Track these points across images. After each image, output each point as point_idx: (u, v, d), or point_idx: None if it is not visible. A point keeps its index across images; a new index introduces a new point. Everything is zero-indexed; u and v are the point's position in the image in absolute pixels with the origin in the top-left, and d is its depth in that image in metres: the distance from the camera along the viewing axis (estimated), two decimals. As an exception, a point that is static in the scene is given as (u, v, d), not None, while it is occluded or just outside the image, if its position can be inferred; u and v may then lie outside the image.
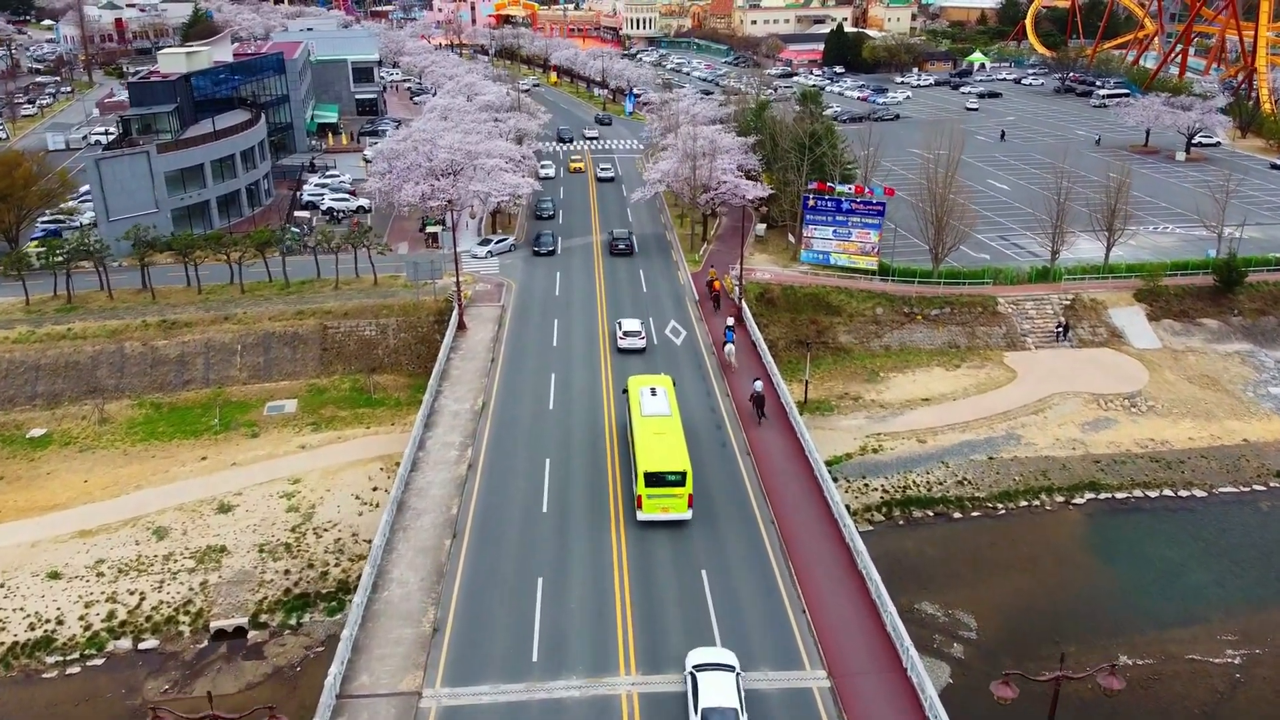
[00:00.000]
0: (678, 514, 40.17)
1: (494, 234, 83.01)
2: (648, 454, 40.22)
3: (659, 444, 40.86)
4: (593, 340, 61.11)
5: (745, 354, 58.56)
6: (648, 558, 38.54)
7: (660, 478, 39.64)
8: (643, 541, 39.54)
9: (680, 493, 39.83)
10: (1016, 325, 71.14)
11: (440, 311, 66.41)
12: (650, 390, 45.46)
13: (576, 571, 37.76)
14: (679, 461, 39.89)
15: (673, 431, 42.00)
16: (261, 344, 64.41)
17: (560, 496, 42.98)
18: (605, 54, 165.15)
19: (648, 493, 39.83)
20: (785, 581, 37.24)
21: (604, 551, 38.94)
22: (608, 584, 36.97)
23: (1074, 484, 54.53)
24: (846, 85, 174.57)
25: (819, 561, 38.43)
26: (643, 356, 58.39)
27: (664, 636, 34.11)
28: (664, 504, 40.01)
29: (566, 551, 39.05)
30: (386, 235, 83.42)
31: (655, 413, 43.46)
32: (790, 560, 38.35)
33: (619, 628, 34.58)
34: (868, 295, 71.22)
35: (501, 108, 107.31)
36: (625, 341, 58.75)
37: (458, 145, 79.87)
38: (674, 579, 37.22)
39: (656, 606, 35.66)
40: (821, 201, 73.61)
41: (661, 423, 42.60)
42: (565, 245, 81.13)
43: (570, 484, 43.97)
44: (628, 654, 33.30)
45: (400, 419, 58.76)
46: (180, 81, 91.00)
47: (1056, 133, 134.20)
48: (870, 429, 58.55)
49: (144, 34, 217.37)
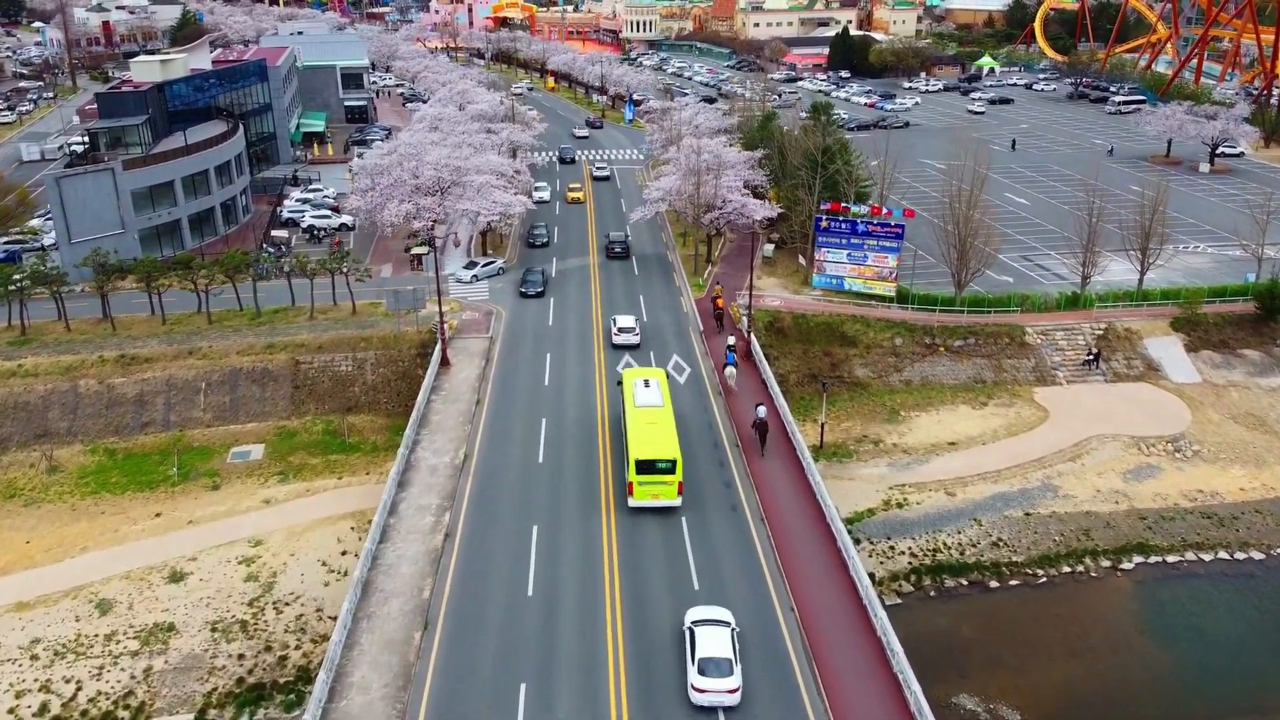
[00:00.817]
0: (668, 500, 41.36)
1: (484, 255, 77.76)
2: (640, 442, 41.56)
3: (651, 433, 42.15)
4: (588, 378, 55.88)
5: (756, 395, 53.29)
6: (649, 658, 33.30)
7: (651, 465, 40.85)
8: (645, 635, 34.31)
9: (670, 480, 41.10)
10: (1046, 357, 65.91)
11: (423, 344, 61.22)
12: (644, 382, 46.94)
13: (566, 676, 32.54)
14: (670, 450, 41.17)
15: (664, 421, 43.21)
16: (228, 381, 59.18)
17: (549, 577, 37.73)
18: (604, 59, 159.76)
19: (639, 480, 41.06)
20: (807, 682, 32.01)
21: (599, 654, 33.67)
22: (603, 693, 31.74)
23: (1120, 546, 49.27)
24: (853, 91, 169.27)
25: (842, 650, 33.31)
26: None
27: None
28: (654, 490, 41.23)
29: (554, 649, 33.83)
30: (369, 256, 78.21)
31: (648, 403, 44.79)
32: (814, 663, 33.11)
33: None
34: (885, 324, 66.00)
35: (495, 118, 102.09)
36: (620, 338, 60.08)
37: (445, 161, 74.64)
38: (676, 683, 31.98)
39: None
40: (835, 223, 68.41)
41: (654, 413, 43.88)
42: (561, 267, 75.89)
43: (560, 560, 38.72)
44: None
45: (376, 467, 53.54)
46: (153, 91, 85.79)
47: (1073, 142, 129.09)
48: (893, 479, 53.30)
49: (132, 37, 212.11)
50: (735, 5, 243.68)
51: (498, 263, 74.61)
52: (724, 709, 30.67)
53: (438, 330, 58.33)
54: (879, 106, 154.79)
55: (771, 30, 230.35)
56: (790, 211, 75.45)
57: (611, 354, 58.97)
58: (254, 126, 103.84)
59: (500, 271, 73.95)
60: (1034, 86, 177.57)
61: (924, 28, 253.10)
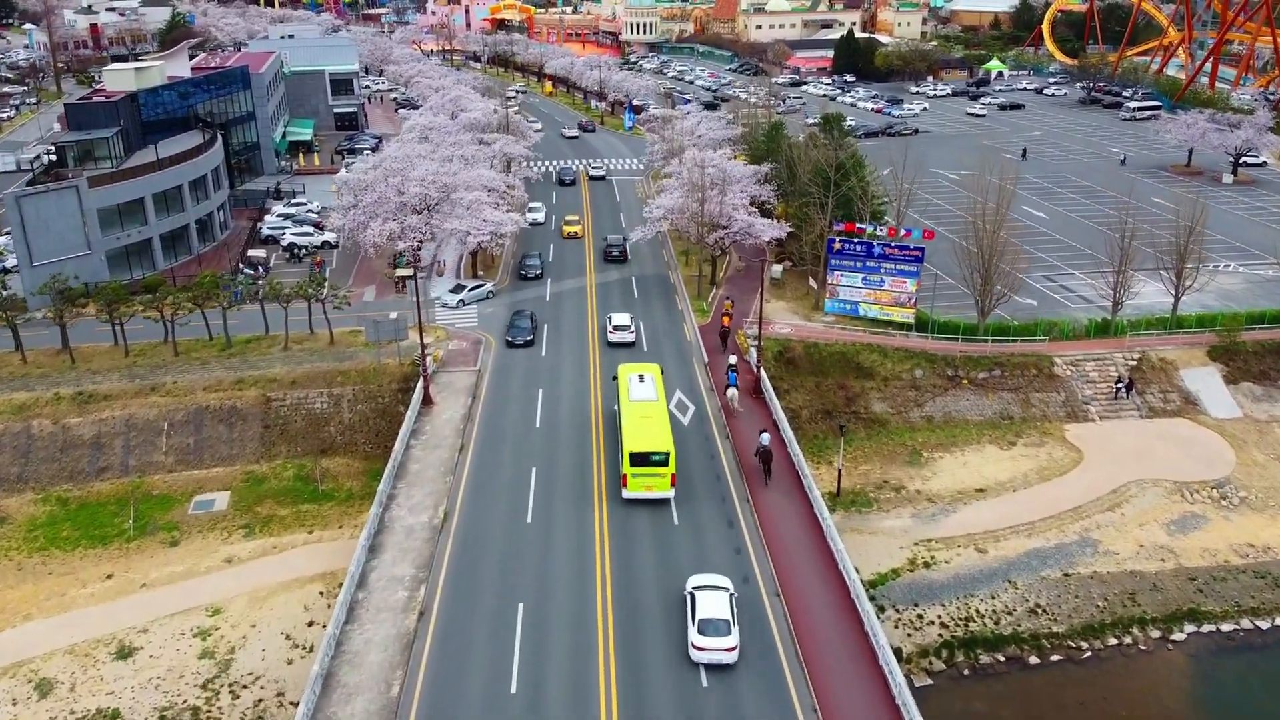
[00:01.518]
0: (661, 492, 42.19)
1: (475, 277, 73.11)
2: (634, 435, 42.48)
3: (645, 426, 43.03)
4: (582, 417, 51.23)
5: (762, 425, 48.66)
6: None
7: (645, 457, 41.77)
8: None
9: (663, 472, 41.94)
10: (1077, 390, 61.30)
11: (406, 377, 56.63)
12: (638, 377, 47.81)
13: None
14: (663, 443, 42.05)
15: (658, 415, 44.19)
16: (192, 421, 54.58)
17: (535, 667, 33.11)
18: (603, 63, 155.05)
19: (633, 472, 41.94)
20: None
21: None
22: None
23: (1170, 612, 44.64)
24: (859, 95, 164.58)
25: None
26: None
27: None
28: (648, 483, 42.06)
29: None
30: (352, 277, 73.61)
31: (642, 398, 45.68)
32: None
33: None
34: (904, 355, 61.39)
35: (488, 127, 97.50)
36: (615, 335, 60.58)
37: (432, 177, 70.01)
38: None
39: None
40: (849, 245, 63.81)
41: (648, 407, 44.81)
42: (555, 290, 71.26)
43: (548, 650, 34.07)
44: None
45: (350, 518, 48.93)
46: (125, 102, 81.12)
47: (1088, 150, 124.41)
48: (918, 532, 48.68)
49: (120, 40, 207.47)
50: (737, 7, 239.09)
51: (486, 286, 69.95)
52: (722, 665, 32.63)
53: (421, 365, 53.71)
54: (886, 112, 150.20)
55: (774, 32, 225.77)
56: (800, 230, 70.82)
57: (608, 389, 54.34)
58: (236, 136, 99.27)
59: (489, 295, 69.27)
60: (1044, 91, 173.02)
61: (929, 30, 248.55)
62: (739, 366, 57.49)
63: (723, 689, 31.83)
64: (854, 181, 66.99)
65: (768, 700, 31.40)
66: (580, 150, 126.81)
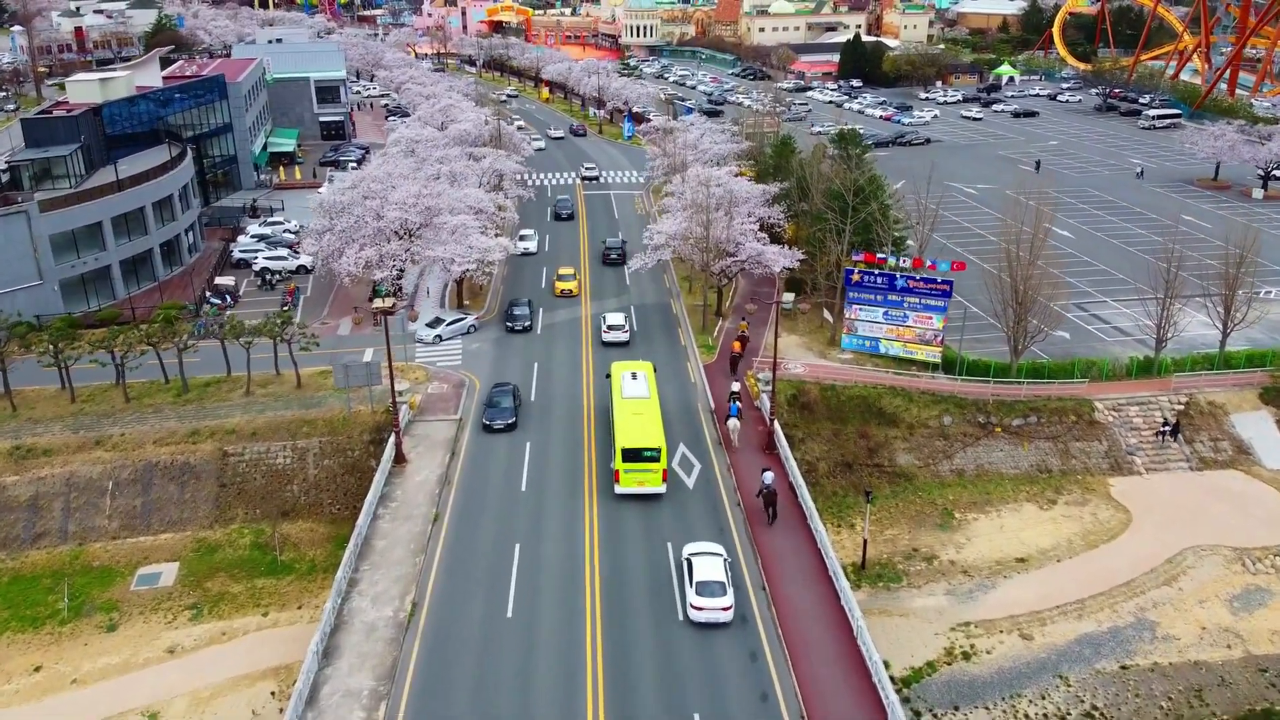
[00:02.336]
0: (653, 488, 42.91)
1: (460, 307, 67.42)
2: (626, 431, 43.21)
3: (637, 422, 43.80)
4: (574, 479, 45.63)
5: (786, 509, 43.03)
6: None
7: (637, 453, 42.42)
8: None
9: (655, 468, 42.61)
10: (1120, 439, 55.70)
11: (379, 427, 51.03)
12: (631, 374, 48.72)
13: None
14: (655, 439, 42.81)
15: (650, 412, 45.01)
16: (140, 479, 48.95)
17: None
18: (601, 68, 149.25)
19: (625, 467, 42.57)
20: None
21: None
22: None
23: (1243, 716, 39.05)
24: (866, 102, 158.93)
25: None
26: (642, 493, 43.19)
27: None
28: (640, 478, 42.75)
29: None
30: (327, 307, 68.00)
31: (635, 395, 46.47)
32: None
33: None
34: (932, 399, 55.76)
35: (478, 140, 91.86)
36: (609, 335, 60.51)
37: (414, 200, 64.37)
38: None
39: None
40: (869, 276, 58.22)
41: (640, 404, 45.64)
42: (547, 320, 65.64)
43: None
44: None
45: (311, 596, 43.32)
46: (87, 116, 75.53)
47: (1109, 162, 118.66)
48: (954, 613, 43.06)
49: (105, 43, 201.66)
50: (739, 9, 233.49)
51: (468, 320, 64.13)
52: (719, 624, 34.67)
53: (394, 415, 48.08)
54: (896, 120, 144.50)
55: (777, 36, 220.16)
56: (813, 256, 65.20)
57: (605, 439, 48.72)
58: (212, 149, 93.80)
59: (471, 330, 63.48)
60: (1058, 97, 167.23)
61: (935, 33, 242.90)
62: (742, 395, 52.86)
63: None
64: (875, 207, 61.25)
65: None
66: (572, 155, 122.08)
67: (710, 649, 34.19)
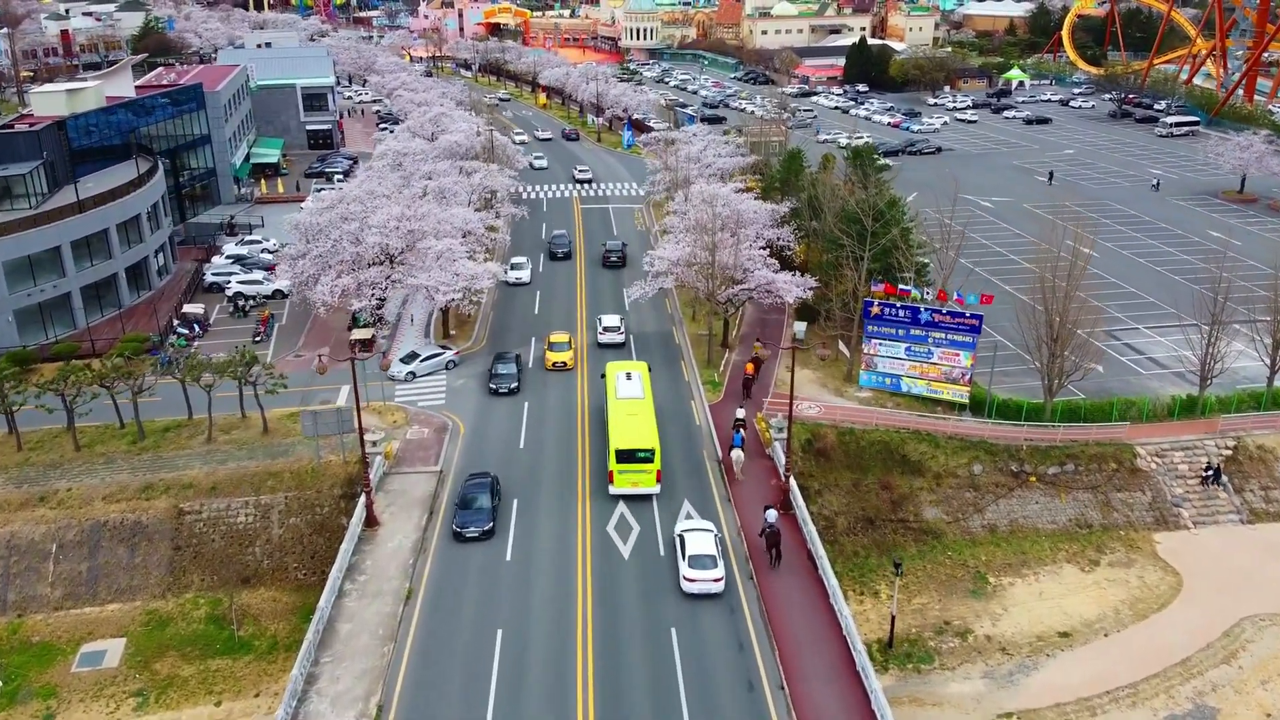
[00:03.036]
0: (647, 488, 42.88)
1: (445, 338, 62.54)
2: (620, 432, 43.19)
3: (631, 423, 43.77)
4: (567, 545, 40.84)
5: (807, 582, 38.27)
6: None
7: (631, 454, 42.42)
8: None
9: (649, 469, 42.60)
10: (1165, 489, 50.93)
11: (350, 480, 46.26)
12: (626, 374, 48.84)
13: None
14: (649, 440, 42.80)
15: (644, 413, 45.05)
16: (87, 541, 44.18)
17: None
18: (600, 73, 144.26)
19: (619, 468, 42.54)
20: None
21: None
22: None
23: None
24: (873, 108, 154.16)
25: None
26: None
27: None
28: (634, 479, 42.71)
29: None
30: (303, 337, 63.19)
31: (629, 395, 46.63)
32: None
33: None
34: (960, 445, 50.95)
35: (469, 153, 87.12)
36: (605, 337, 60.30)
37: (395, 223, 59.58)
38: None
39: None
40: (890, 309, 53.45)
41: (634, 404, 45.72)
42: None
43: None
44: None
45: (271, 680, 38.56)
46: (50, 130, 70.75)
47: (1128, 173, 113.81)
48: (994, 701, 38.25)
49: (92, 46, 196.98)
50: (741, 11, 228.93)
51: (446, 355, 58.63)
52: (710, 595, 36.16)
53: (365, 474, 43.29)
54: (904, 127, 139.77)
55: (780, 38, 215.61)
56: (828, 282, 60.43)
57: (600, 494, 43.94)
58: (189, 162, 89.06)
59: (450, 365, 58.41)
60: (1071, 103, 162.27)
61: (941, 35, 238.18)
62: (748, 424, 49.48)
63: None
64: (895, 232, 56.37)
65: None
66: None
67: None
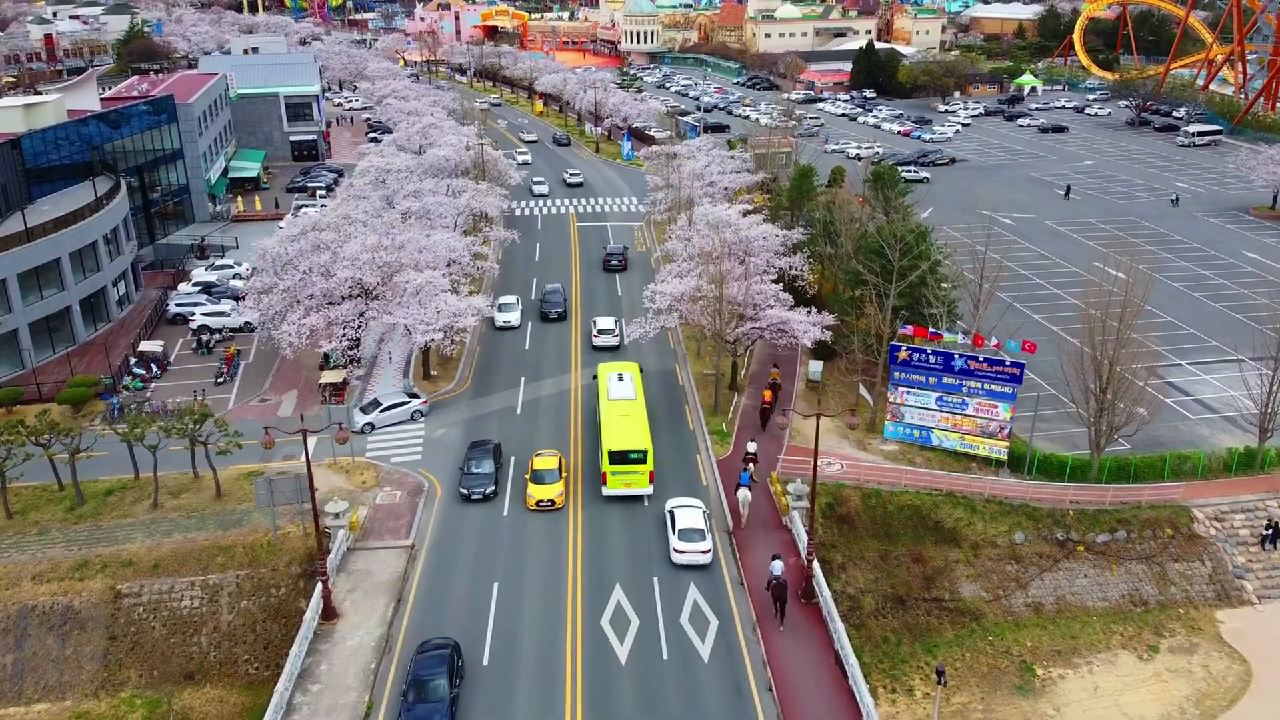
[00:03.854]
0: (640, 489, 43.33)
1: (426, 380, 56.95)
2: (612, 433, 43.54)
3: (623, 424, 44.14)
4: (556, 641, 35.42)
5: (828, 693, 32.88)
6: None
7: (624, 455, 42.80)
8: None
9: (642, 469, 43.05)
10: (1226, 558, 45.50)
11: (311, 554, 40.72)
12: (618, 376, 48.94)
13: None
14: (641, 441, 43.20)
15: (637, 414, 45.27)
16: (14, 628, 38.71)
17: None
18: (600, 80, 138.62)
19: (612, 470, 42.94)
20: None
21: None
22: None
23: None
24: (882, 115, 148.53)
25: None
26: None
27: None
28: (627, 480, 43.15)
29: None
30: (270, 377, 57.71)
31: (621, 396, 46.75)
32: None
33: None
34: (999, 508, 45.49)
35: (458, 170, 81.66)
36: (599, 339, 59.71)
37: (370, 255, 54.06)
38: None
39: None
40: (920, 355, 48.00)
41: (627, 405, 45.89)
42: (530, 394, 55.42)
43: None
44: None
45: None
46: (3, 149, 65.25)
47: (1152, 186, 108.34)
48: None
49: (78, 51, 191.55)
50: (744, 14, 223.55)
51: (412, 404, 51.87)
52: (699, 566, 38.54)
53: (321, 560, 37.83)
54: (916, 136, 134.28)
55: (784, 42, 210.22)
56: (847, 318, 54.91)
57: (592, 577, 38.54)
58: (159, 179, 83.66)
59: (417, 416, 52.19)
60: (1086, 110, 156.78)
61: (949, 39, 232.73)
62: (758, 457, 46.47)
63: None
64: (924, 269, 50.83)
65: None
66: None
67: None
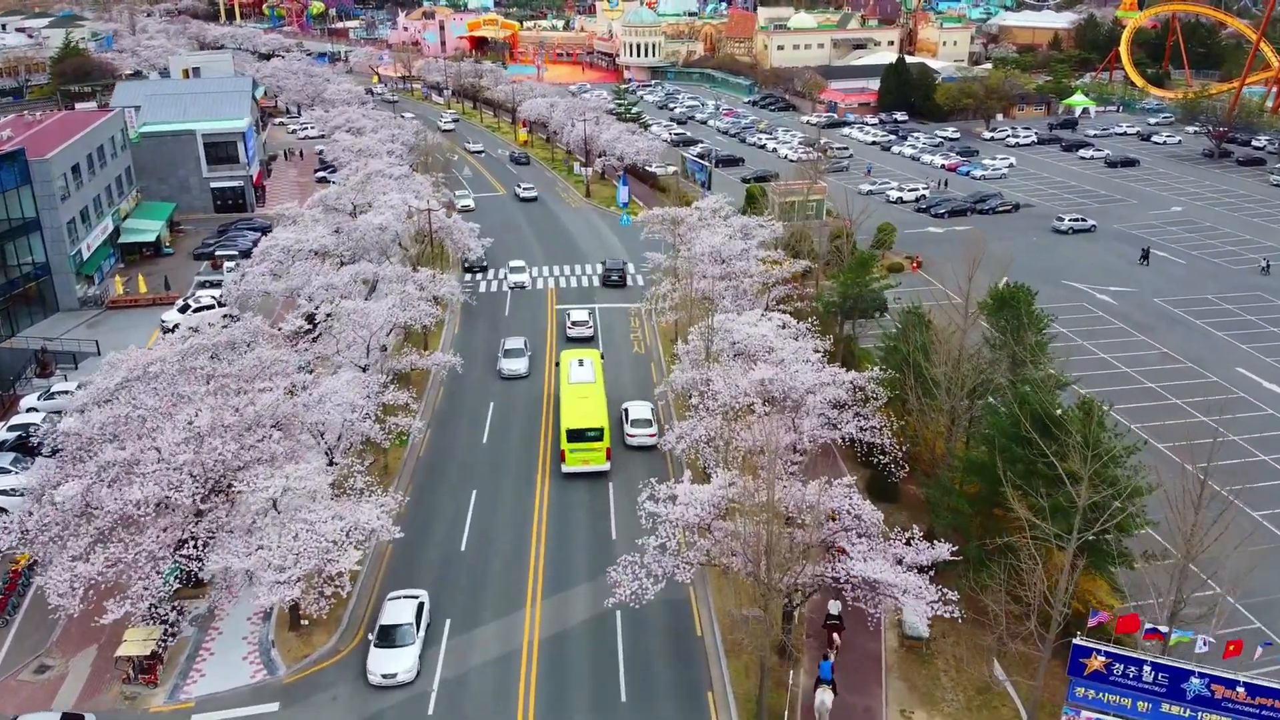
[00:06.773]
0: (597, 465, 45.72)
1: (287, 636, 36.10)
2: (571, 413, 46.01)
3: (581, 405, 46.55)
4: None
5: None
6: None
7: (581, 434, 45.17)
8: None
9: (599, 447, 45.43)
10: None
11: None
12: (579, 361, 51.23)
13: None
14: (598, 420, 45.60)
15: (595, 396, 47.74)
16: None
17: None
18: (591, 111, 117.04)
19: (570, 448, 45.28)
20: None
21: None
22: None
23: None
24: (920, 145, 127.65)
25: None
26: None
27: None
28: (585, 457, 45.49)
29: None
30: (57, 631, 36.95)
31: (580, 380, 49.18)
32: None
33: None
34: None
35: (403, 237, 61.02)
36: (574, 330, 61.93)
37: (192, 452, 33.35)
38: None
39: None
40: (1124, 665, 27.32)
41: (585, 388, 48.31)
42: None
43: None
44: None
45: None
46: None
47: (1265, 242, 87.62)
48: None
49: (13, 70, 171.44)
50: (754, 24, 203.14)
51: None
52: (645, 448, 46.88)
53: None
54: (964, 171, 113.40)
55: (799, 54, 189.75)
56: (959, 535, 34.25)
57: None
58: (7, 257, 63.26)
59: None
60: (1153, 138, 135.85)
61: (978, 50, 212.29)
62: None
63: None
64: (1118, 503, 29.79)
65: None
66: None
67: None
